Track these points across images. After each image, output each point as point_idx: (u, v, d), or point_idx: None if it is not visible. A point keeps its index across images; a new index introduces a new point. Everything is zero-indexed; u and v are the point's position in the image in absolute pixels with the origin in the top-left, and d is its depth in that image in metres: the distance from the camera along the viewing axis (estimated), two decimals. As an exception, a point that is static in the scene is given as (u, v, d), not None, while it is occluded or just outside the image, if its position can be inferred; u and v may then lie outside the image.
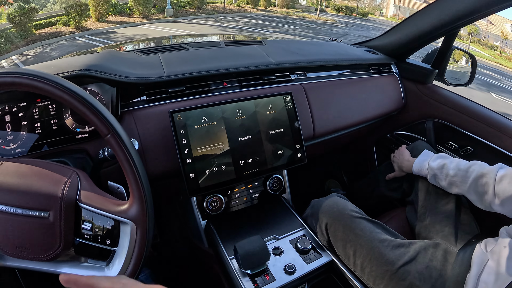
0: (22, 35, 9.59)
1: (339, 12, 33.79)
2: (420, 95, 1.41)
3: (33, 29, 10.24)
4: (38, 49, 9.18)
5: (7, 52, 8.40)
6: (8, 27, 9.77)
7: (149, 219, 0.57)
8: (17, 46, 8.98)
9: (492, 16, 5.98)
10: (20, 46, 9.05)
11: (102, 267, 0.60)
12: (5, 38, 8.87)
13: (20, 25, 9.71)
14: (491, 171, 0.87)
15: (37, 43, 9.52)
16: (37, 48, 9.26)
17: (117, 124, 0.55)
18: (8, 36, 9.11)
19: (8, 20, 9.72)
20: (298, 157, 0.98)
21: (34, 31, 10.29)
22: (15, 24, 9.66)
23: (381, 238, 0.88)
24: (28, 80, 0.50)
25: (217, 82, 0.99)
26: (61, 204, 0.54)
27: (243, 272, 0.79)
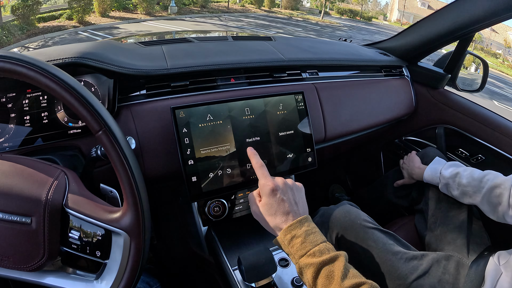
0: (24, 27, 9.60)
1: (343, 15, 34.02)
2: (431, 100, 1.38)
3: (36, 22, 10.29)
4: (40, 42, 9.20)
5: (9, 44, 8.41)
6: (11, 19, 9.77)
7: (145, 230, 0.50)
8: (19, 39, 9.01)
9: (495, 24, 6.06)
10: (22, 39, 9.07)
11: (91, 280, 0.54)
12: (8, 30, 8.88)
13: (23, 18, 9.75)
14: (506, 182, 0.86)
15: (40, 36, 9.55)
16: (39, 41, 9.28)
17: (111, 119, 0.49)
18: (11, 28, 9.12)
19: (12, 13, 9.75)
20: (308, 161, 0.92)
21: (37, 24, 10.34)
22: (18, 17, 9.70)
23: (394, 250, 0.86)
24: (10, 64, 0.44)
25: (224, 78, 0.94)
26: (45, 209, 0.48)
27: (246, 285, 0.74)
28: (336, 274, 0.53)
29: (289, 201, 0.63)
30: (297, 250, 0.57)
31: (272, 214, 0.62)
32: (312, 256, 0.55)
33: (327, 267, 0.54)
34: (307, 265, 0.55)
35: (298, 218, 0.60)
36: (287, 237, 0.59)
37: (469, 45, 1.26)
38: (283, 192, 0.63)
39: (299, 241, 0.57)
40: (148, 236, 0.52)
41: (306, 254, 0.56)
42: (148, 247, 0.53)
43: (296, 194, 0.66)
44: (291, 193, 0.64)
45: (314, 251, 0.56)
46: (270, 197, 0.63)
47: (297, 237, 0.58)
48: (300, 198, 0.66)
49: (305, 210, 0.66)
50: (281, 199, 0.62)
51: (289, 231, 0.59)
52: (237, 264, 0.73)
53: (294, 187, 0.66)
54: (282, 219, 0.61)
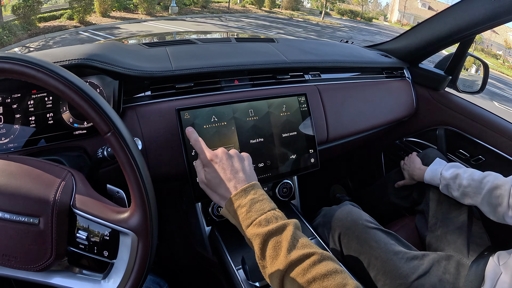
0: (25, 27, 9.59)
1: (343, 15, 34.00)
2: (432, 101, 1.39)
3: (36, 22, 10.27)
4: (41, 42, 9.19)
5: (9, 44, 8.39)
6: (12, 19, 9.76)
7: (153, 230, 0.51)
8: (20, 38, 8.99)
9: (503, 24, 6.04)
10: (23, 39, 9.05)
11: (99, 280, 0.54)
12: (9, 30, 8.87)
13: (24, 18, 9.73)
14: (506, 183, 0.86)
15: (40, 36, 9.53)
16: (40, 41, 9.26)
17: (119, 121, 0.49)
18: (12, 28, 9.11)
19: (12, 12, 9.73)
20: (311, 162, 0.92)
21: (37, 24, 10.32)
22: (19, 16, 9.68)
23: (396, 250, 0.87)
24: (19, 66, 0.44)
25: (228, 80, 0.94)
26: (53, 210, 0.48)
27: (250, 285, 0.74)
28: (284, 244, 0.50)
29: (230, 169, 0.60)
30: (242, 220, 0.55)
31: (216, 184, 0.60)
32: (258, 226, 0.53)
33: (275, 238, 0.51)
34: (253, 235, 0.53)
35: (243, 186, 0.58)
36: (232, 207, 0.56)
37: (470, 47, 1.27)
38: (222, 160, 0.61)
39: (244, 211, 0.55)
40: (156, 236, 0.52)
41: (252, 223, 0.53)
42: (155, 247, 0.53)
43: (239, 161, 0.62)
44: (231, 161, 0.61)
45: (260, 220, 0.53)
46: (209, 167, 0.61)
47: (242, 207, 0.55)
48: (244, 166, 0.62)
49: (252, 177, 0.62)
50: (222, 168, 0.60)
51: (234, 201, 0.56)
52: (241, 264, 0.74)
53: (236, 155, 0.63)
54: (225, 188, 0.59)
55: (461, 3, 1.10)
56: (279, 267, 0.49)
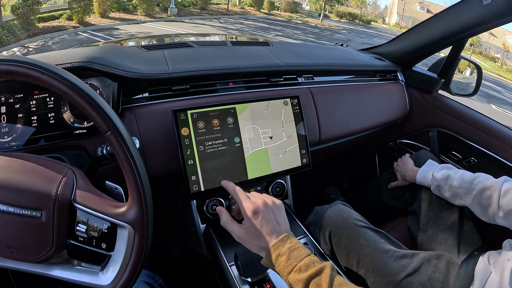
0: (24, 27, 9.57)
1: (342, 18, 34.01)
2: (425, 104, 1.40)
3: (36, 22, 10.25)
4: (40, 42, 9.18)
5: (8, 44, 8.38)
6: (11, 19, 9.74)
7: (149, 223, 0.54)
8: (19, 38, 8.98)
9: (494, 28, 6.01)
10: (22, 38, 9.04)
11: (97, 272, 0.56)
12: (8, 29, 8.85)
13: (23, 17, 9.71)
14: (496, 184, 0.87)
15: (39, 36, 9.52)
16: (39, 41, 9.25)
17: (118, 121, 0.52)
18: (11, 27, 9.09)
19: (11, 12, 9.72)
20: (303, 162, 0.95)
21: (36, 24, 10.30)
22: (18, 16, 9.66)
23: (385, 248, 0.88)
24: (24, 68, 0.47)
25: (223, 82, 0.96)
26: (55, 204, 0.51)
27: (243, 280, 0.76)
28: (324, 286, 0.54)
29: (271, 222, 0.63)
30: (284, 267, 0.58)
31: (256, 237, 0.62)
32: (298, 272, 0.56)
33: (315, 280, 0.55)
34: (296, 281, 0.56)
35: (280, 237, 0.61)
36: (273, 256, 0.60)
37: (462, 50, 1.28)
38: (265, 214, 0.63)
39: (284, 259, 0.58)
40: (151, 229, 0.55)
41: (293, 270, 0.57)
42: (150, 240, 0.55)
43: (277, 213, 0.65)
44: (272, 214, 0.64)
45: (300, 266, 0.57)
46: (252, 220, 0.63)
47: (282, 255, 0.59)
48: (281, 216, 0.66)
49: (286, 228, 0.65)
50: (264, 221, 0.62)
51: (274, 250, 0.60)
52: (234, 260, 0.76)
53: (274, 207, 0.66)
54: (266, 240, 0.61)
55: (454, 7, 1.12)
56: None
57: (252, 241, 0.63)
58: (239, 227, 0.65)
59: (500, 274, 0.76)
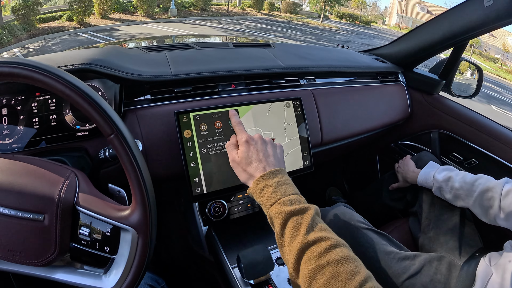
0: (25, 28, 9.58)
1: (342, 19, 34.05)
2: (426, 105, 1.40)
3: (36, 22, 10.26)
4: (40, 42, 9.18)
5: (9, 45, 8.38)
6: (11, 19, 9.75)
7: (152, 227, 0.53)
8: (19, 39, 8.98)
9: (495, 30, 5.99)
10: (23, 39, 9.05)
11: (100, 275, 0.56)
12: (8, 30, 8.86)
13: (24, 18, 9.72)
14: (497, 186, 0.87)
15: (40, 37, 9.53)
16: (39, 41, 9.26)
17: (122, 124, 0.52)
18: (11, 28, 9.10)
19: (12, 13, 9.73)
20: (305, 164, 0.95)
21: (37, 24, 10.31)
22: (18, 17, 9.67)
23: (387, 250, 0.88)
24: (27, 71, 0.47)
25: (225, 84, 0.96)
26: (58, 207, 0.51)
27: (245, 282, 0.76)
28: (303, 225, 0.52)
29: (263, 152, 0.64)
30: (267, 199, 0.57)
31: (247, 163, 0.63)
32: (281, 205, 0.55)
33: (295, 218, 0.54)
34: (276, 214, 0.55)
35: (272, 169, 0.61)
36: (259, 186, 0.60)
37: (463, 51, 1.28)
38: (257, 144, 0.65)
39: (270, 190, 0.58)
40: (155, 232, 0.54)
41: (276, 202, 0.56)
42: (154, 243, 0.55)
43: (272, 148, 0.67)
44: (265, 146, 0.66)
45: (284, 200, 0.56)
46: (245, 146, 0.65)
47: (269, 187, 0.58)
48: (275, 153, 0.67)
49: (281, 164, 0.66)
50: (256, 150, 0.64)
51: (261, 181, 0.60)
52: (236, 262, 0.76)
53: (269, 142, 0.68)
54: (255, 168, 0.62)
55: (455, 9, 1.12)
56: (296, 247, 0.51)
57: (243, 167, 0.64)
58: (236, 152, 0.67)
59: (501, 275, 0.76)
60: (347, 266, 0.48)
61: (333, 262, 0.48)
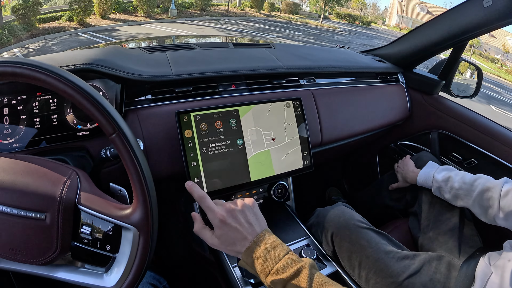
0: (25, 28, 9.58)
1: (342, 19, 34.07)
2: (426, 106, 1.41)
3: (36, 22, 10.27)
4: (40, 43, 9.19)
5: (9, 45, 8.39)
6: (12, 19, 9.76)
7: (154, 225, 0.54)
8: (19, 39, 8.99)
9: (494, 30, 5.98)
10: (23, 39, 9.05)
11: (101, 273, 0.56)
12: (8, 30, 8.86)
13: (24, 18, 9.73)
14: (496, 186, 0.87)
15: (40, 37, 9.53)
16: (39, 42, 9.27)
17: (123, 123, 0.52)
18: (11, 28, 9.10)
19: (12, 13, 9.74)
20: (305, 164, 0.95)
21: (37, 24, 10.31)
22: (18, 17, 9.68)
23: (387, 249, 0.88)
24: (30, 71, 0.47)
25: (226, 84, 0.97)
26: (59, 206, 0.51)
27: (245, 281, 0.77)
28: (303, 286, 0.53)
29: (241, 226, 0.60)
30: (261, 270, 0.56)
31: (230, 243, 0.60)
32: (276, 274, 0.54)
33: (293, 282, 0.53)
34: (274, 284, 0.54)
35: (254, 239, 0.59)
36: (249, 260, 0.58)
37: (463, 52, 1.29)
38: (233, 219, 0.60)
39: (261, 262, 0.56)
40: (156, 231, 0.55)
41: (270, 273, 0.55)
42: (155, 242, 0.56)
43: (248, 214, 0.62)
44: (241, 216, 0.61)
45: (277, 268, 0.55)
46: (222, 228, 0.60)
47: (258, 258, 0.57)
48: (252, 216, 0.63)
49: (261, 226, 0.63)
50: (234, 227, 0.60)
51: (249, 254, 0.58)
52: (237, 262, 0.76)
53: (244, 208, 0.63)
54: (240, 245, 0.59)
55: (454, 10, 1.13)
56: None
57: (227, 248, 0.61)
58: (211, 235, 0.62)
59: (500, 274, 0.76)
60: None
61: None
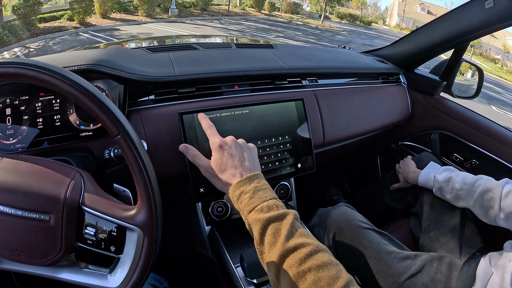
0: (25, 27, 9.58)
1: (342, 19, 34.05)
2: (427, 106, 1.41)
3: (37, 22, 10.27)
4: (41, 42, 9.19)
5: (9, 44, 8.39)
6: (12, 19, 9.76)
7: (158, 226, 0.54)
8: (20, 39, 8.99)
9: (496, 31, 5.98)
10: (23, 39, 9.06)
11: (105, 274, 0.57)
12: (9, 30, 8.86)
13: (24, 18, 9.73)
14: (497, 186, 0.88)
15: (40, 37, 9.53)
16: (40, 41, 9.27)
17: (128, 124, 0.52)
18: (12, 28, 9.10)
19: (13, 12, 9.74)
20: (307, 165, 0.95)
21: (37, 24, 10.32)
22: (19, 17, 9.68)
23: (388, 250, 0.89)
24: (34, 72, 0.47)
25: (228, 85, 0.96)
26: (64, 207, 0.51)
27: (248, 281, 0.77)
28: (283, 232, 0.51)
29: (238, 157, 0.62)
30: (245, 205, 0.56)
31: (222, 170, 0.62)
32: (259, 212, 0.54)
33: (274, 224, 0.52)
34: (254, 221, 0.54)
35: (248, 175, 0.60)
36: (236, 193, 0.58)
37: (464, 53, 1.29)
38: (231, 148, 0.63)
39: (247, 197, 0.57)
40: (160, 232, 0.55)
41: (253, 209, 0.55)
42: (159, 243, 0.56)
43: (247, 151, 0.65)
44: (240, 150, 0.64)
45: (262, 206, 0.55)
46: (219, 152, 0.63)
47: (246, 193, 0.57)
48: (251, 156, 0.65)
49: (256, 167, 0.64)
50: (230, 155, 0.62)
51: (238, 187, 0.58)
52: (239, 261, 0.76)
53: (244, 145, 0.66)
54: (231, 174, 0.61)
55: (456, 10, 1.13)
56: (276, 254, 0.50)
57: (218, 175, 0.62)
58: (206, 160, 0.65)
59: (501, 275, 0.76)
60: (328, 271, 0.47)
61: (314, 268, 0.48)
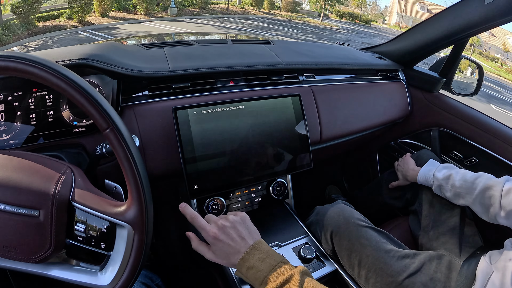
0: (24, 26, 9.57)
1: (342, 18, 34.04)
2: (426, 103, 1.40)
3: (36, 21, 10.25)
4: (39, 41, 9.18)
5: (8, 43, 8.38)
6: (11, 18, 9.75)
7: (148, 223, 0.53)
8: (19, 38, 8.98)
9: (494, 29, 6.00)
10: (22, 38, 9.04)
11: (96, 272, 0.56)
12: (8, 29, 8.85)
13: (23, 17, 9.71)
14: (498, 184, 0.87)
15: (39, 36, 9.52)
16: (39, 40, 9.26)
17: (118, 118, 0.51)
18: (11, 27, 9.09)
19: (11, 11, 9.72)
20: (304, 161, 0.94)
21: (36, 23, 10.30)
22: (18, 15, 9.66)
23: (387, 248, 0.87)
24: (23, 65, 0.46)
25: (224, 80, 0.96)
26: (53, 203, 0.50)
27: (243, 281, 0.76)
28: None
29: (234, 241, 0.64)
30: (255, 280, 0.59)
31: (225, 257, 0.64)
32: (269, 283, 0.57)
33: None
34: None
35: (247, 250, 0.62)
36: (243, 270, 0.61)
37: (464, 49, 1.28)
38: (225, 235, 0.65)
39: (254, 271, 0.59)
40: (151, 229, 0.54)
41: (263, 282, 0.58)
42: (150, 239, 0.55)
43: (240, 228, 0.66)
44: (233, 232, 0.65)
45: (270, 277, 0.58)
46: (216, 244, 0.65)
47: (251, 268, 0.60)
48: (245, 228, 0.67)
49: (254, 238, 0.66)
50: (227, 243, 0.64)
51: (243, 264, 0.61)
52: None
53: (234, 223, 0.67)
54: (235, 258, 0.63)
55: (455, 6, 1.12)
56: None
57: (223, 261, 0.65)
58: (208, 250, 0.66)
59: (501, 273, 0.75)
60: None
61: None
